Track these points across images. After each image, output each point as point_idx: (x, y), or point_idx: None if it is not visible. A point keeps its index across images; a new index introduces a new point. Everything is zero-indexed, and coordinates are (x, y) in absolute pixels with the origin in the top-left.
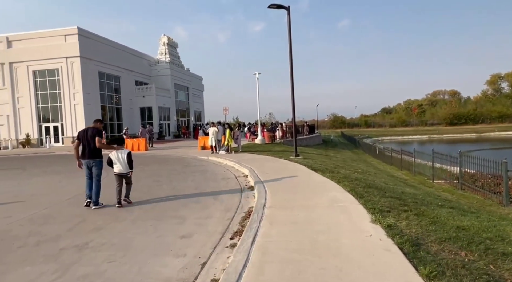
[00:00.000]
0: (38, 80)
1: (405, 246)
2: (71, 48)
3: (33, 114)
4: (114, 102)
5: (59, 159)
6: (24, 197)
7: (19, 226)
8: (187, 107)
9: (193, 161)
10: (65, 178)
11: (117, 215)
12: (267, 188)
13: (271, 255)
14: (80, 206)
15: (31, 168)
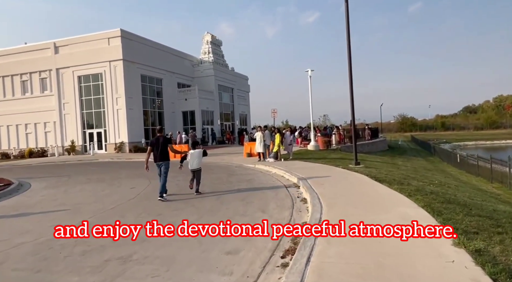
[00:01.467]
0: (83, 86)
1: (500, 277)
2: (114, 51)
3: (77, 121)
4: (156, 107)
5: (102, 166)
6: (70, 205)
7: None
8: (231, 111)
9: (239, 169)
10: (108, 186)
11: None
12: (322, 200)
13: (328, 279)
14: (123, 216)
15: (76, 176)
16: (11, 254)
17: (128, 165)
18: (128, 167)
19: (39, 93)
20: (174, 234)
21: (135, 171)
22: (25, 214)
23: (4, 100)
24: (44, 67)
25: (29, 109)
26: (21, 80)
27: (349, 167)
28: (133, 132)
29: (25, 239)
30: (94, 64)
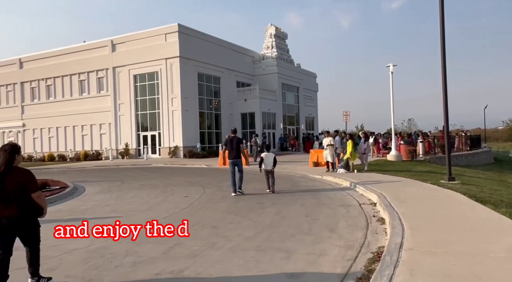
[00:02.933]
0: (138, 85)
1: None
2: (171, 48)
3: (132, 122)
4: (213, 108)
5: (155, 172)
6: (122, 212)
7: (117, 243)
8: (296, 113)
9: (303, 180)
10: (161, 193)
11: (214, 240)
12: (405, 222)
13: None
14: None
15: (129, 181)
16: (63, 260)
17: (182, 171)
18: (182, 174)
19: (96, 94)
20: (229, 250)
21: (189, 178)
22: (79, 219)
23: (63, 100)
24: (101, 66)
25: (86, 110)
26: (79, 79)
27: (440, 183)
28: (188, 136)
29: (78, 245)
30: (150, 62)
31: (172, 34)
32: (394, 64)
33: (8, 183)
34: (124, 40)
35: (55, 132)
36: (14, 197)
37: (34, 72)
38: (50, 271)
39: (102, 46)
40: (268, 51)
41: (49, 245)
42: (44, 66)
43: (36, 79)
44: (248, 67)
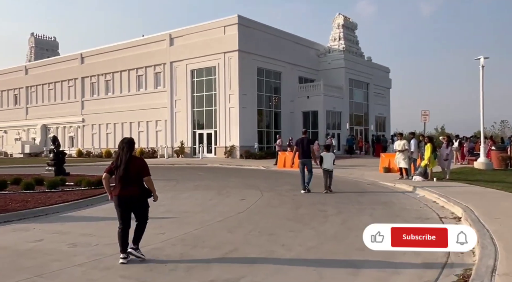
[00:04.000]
0: (195, 81)
1: None
2: (230, 41)
3: (188, 120)
4: (272, 105)
5: (211, 172)
6: (176, 213)
7: (172, 245)
8: (365, 112)
9: (372, 187)
10: (216, 195)
11: (272, 248)
12: (498, 241)
13: None
14: (231, 232)
15: (184, 181)
16: (68, 271)
17: (238, 173)
18: (238, 175)
19: (153, 89)
20: (289, 260)
21: (246, 180)
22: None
23: (121, 96)
24: (159, 60)
25: (142, 106)
26: (136, 75)
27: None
28: (245, 135)
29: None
30: (208, 57)
31: (231, 26)
32: (485, 56)
33: (130, 169)
34: (182, 33)
35: (112, 128)
36: (134, 179)
37: (94, 67)
38: (105, 270)
39: (160, 40)
40: (335, 43)
41: (105, 243)
42: (103, 61)
43: (96, 74)
44: (312, 61)
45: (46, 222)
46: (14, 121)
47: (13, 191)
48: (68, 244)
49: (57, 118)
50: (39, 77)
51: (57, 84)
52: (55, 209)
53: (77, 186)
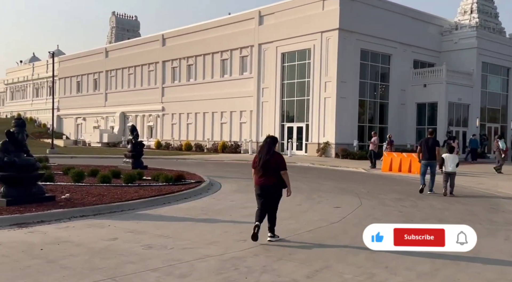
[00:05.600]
0: (286, 66)
1: None
2: (329, 18)
3: (276, 111)
4: (378, 96)
5: (300, 172)
6: None
7: (254, 255)
8: (503, 105)
9: (510, 203)
10: (306, 200)
11: (373, 270)
12: None
13: None
14: (324, 244)
15: None
16: (195, 267)
17: (332, 174)
18: (333, 177)
19: (238, 75)
20: None
21: (341, 184)
22: (214, 221)
23: (203, 82)
24: (246, 42)
25: (226, 95)
26: (221, 58)
27: None
28: (343, 130)
29: (211, 251)
30: (302, 37)
31: (331, 0)
32: None
33: (271, 162)
34: (274, 10)
35: (193, 118)
36: (273, 172)
37: (175, 50)
38: (181, 278)
39: (248, 18)
40: (465, 17)
41: (182, 247)
42: (186, 43)
43: (178, 58)
44: (432, 41)
45: (121, 219)
46: (93, 108)
47: (89, 184)
48: (143, 245)
49: (136, 106)
50: (119, 61)
51: (137, 68)
52: (131, 205)
53: (155, 181)
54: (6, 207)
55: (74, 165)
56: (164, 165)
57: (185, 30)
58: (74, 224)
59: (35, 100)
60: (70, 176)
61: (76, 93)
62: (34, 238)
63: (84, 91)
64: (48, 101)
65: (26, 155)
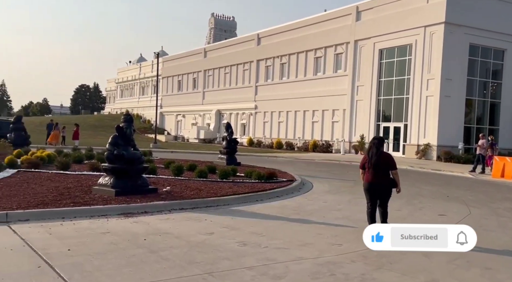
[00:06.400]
0: (384, 62)
1: None
2: (434, 11)
3: (371, 110)
4: (488, 95)
5: (400, 176)
6: (354, 221)
7: (351, 262)
8: None
9: None
10: (405, 205)
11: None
12: None
13: None
14: (428, 255)
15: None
16: (290, 269)
17: (434, 179)
18: (435, 182)
19: (332, 73)
20: None
21: (445, 189)
22: (306, 221)
23: (296, 81)
24: (341, 39)
25: (319, 93)
26: (314, 56)
27: None
28: (446, 131)
29: (305, 254)
30: (402, 33)
31: None
32: None
33: (380, 162)
34: (372, 5)
35: (284, 116)
36: (384, 171)
37: (270, 49)
38: (276, 279)
39: (345, 14)
40: None
41: (276, 246)
42: (280, 42)
43: (271, 57)
44: None
45: (216, 213)
46: (192, 106)
47: (188, 178)
48: (238, 242)
49: (231, 104)
50: (216, 60)
51: (233, 67)
52: (225, 200)
53: (247, 178)
54: (115, 197)
55: (174, 159)
56: (256, 162)
57: (280, 29)
58: (173, 216)
59: (141, 98)
60: (171, 169)
61: (177, 92)
62: (139, 228)
63: (184, 89)
64: (152, 99)
65: (133, 149)
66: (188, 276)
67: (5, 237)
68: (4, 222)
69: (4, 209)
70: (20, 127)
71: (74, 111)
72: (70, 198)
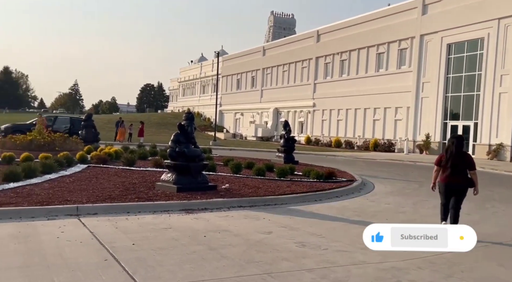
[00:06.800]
0: (452, 58)
1: None
2: (509, 2)
3: (437, 107)
4: None
5: None
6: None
7: (417, 268)
8: None
9: None
10: (475, 209)
11: None
12: None
13: None
14: (504, 264)
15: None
16: (352, 273)
17: (509, 182)
18: (508, 185)
19: (395, 70)
20: None
21: None
22: (368, 223)
23: (356, 78)
24: (406, 34)
25: (381, 90)
26: (377, 52)
27: None
28: None
29: (367, 258)
30: (473, 26)
31: None
32: None
33: (459, 161)
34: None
35: (344, 114)
36: (462, 171)
37: (329, 46)
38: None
39: (410, 8)
40: None
41: (336, 248)
42: (340, 38)
43: (331, 54)
44: None
45: (275, 212)
46: (250, 104)
47: (246, 175)
48: (297, 242)
49: (288, 102)
50: (274, 58)
51: (291, 65)
52: (283, 199)
53: (306, 177)
54: (176, 193)
55: (232, 157)
56: (313, 160)
57: (340, 25)
58: (232, 213)
59: (201, 96)
60: (229, 167)
61: (236, 90)
62: (199, 225)
63: (242, 88)
64: (212, 97)
65: (194, 146)
66: (247, 276)
67: (76, 229)
68: (75, 215)
69: (75, 203)
70: (90, 124)
71: (140, 109)
72: (135, 193)
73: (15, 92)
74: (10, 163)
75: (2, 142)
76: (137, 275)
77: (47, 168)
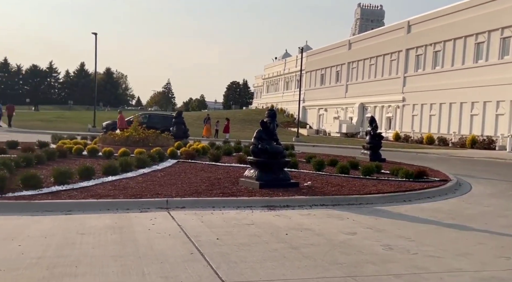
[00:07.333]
0: None
1: None
2: None
3: None
4: None
5: None
6: None
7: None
8: None
9: None
10: None
11: None
12: None
13: None
14: None
15: None
16: (445, 281)
17: None
18: None
19: (497, 60)
20: None
21: None
22: (464, 227)
23: (451, 70)
24: (510, 21)
25: (479, 82)
26: (475, 42)
27: None
28: None
29: (463, 265)
30: None
31: None
32: None
33: None
34: None
35: (437, 109)
36: None
37: (421, 37)
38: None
39: None
40: None
41: (427, 253)
42: (433, 29)
43: (423, 45)
44: None
45: (359, 212)
46: (334, 99)
47: (329, 173)
48: (383, 245)
49: (375, 97)
50: (361, 52)
51: (379, 58)
52: (368, 199)
53: (393, 176)
54: (259, 189)
55: (315, 154)
56: (402, 158)
57: (433, 15)
58: (314, 212)
59: (285, 92)
60: (312, 164)
61: (319, 86)
62: (281, 222)
63: (326, 83)
64: (295, 93)
65: (276, 143)
66: (330, 278)
67: (165, 222)
68: (164, 208)
69: (165, 196)
70: (180, 121)
71: (226, 106)
72: (220, 188)
73: (115, 92)
74: (109, 157)
75: (103, 138)
76: (220, 270)
77: (141, 162)
